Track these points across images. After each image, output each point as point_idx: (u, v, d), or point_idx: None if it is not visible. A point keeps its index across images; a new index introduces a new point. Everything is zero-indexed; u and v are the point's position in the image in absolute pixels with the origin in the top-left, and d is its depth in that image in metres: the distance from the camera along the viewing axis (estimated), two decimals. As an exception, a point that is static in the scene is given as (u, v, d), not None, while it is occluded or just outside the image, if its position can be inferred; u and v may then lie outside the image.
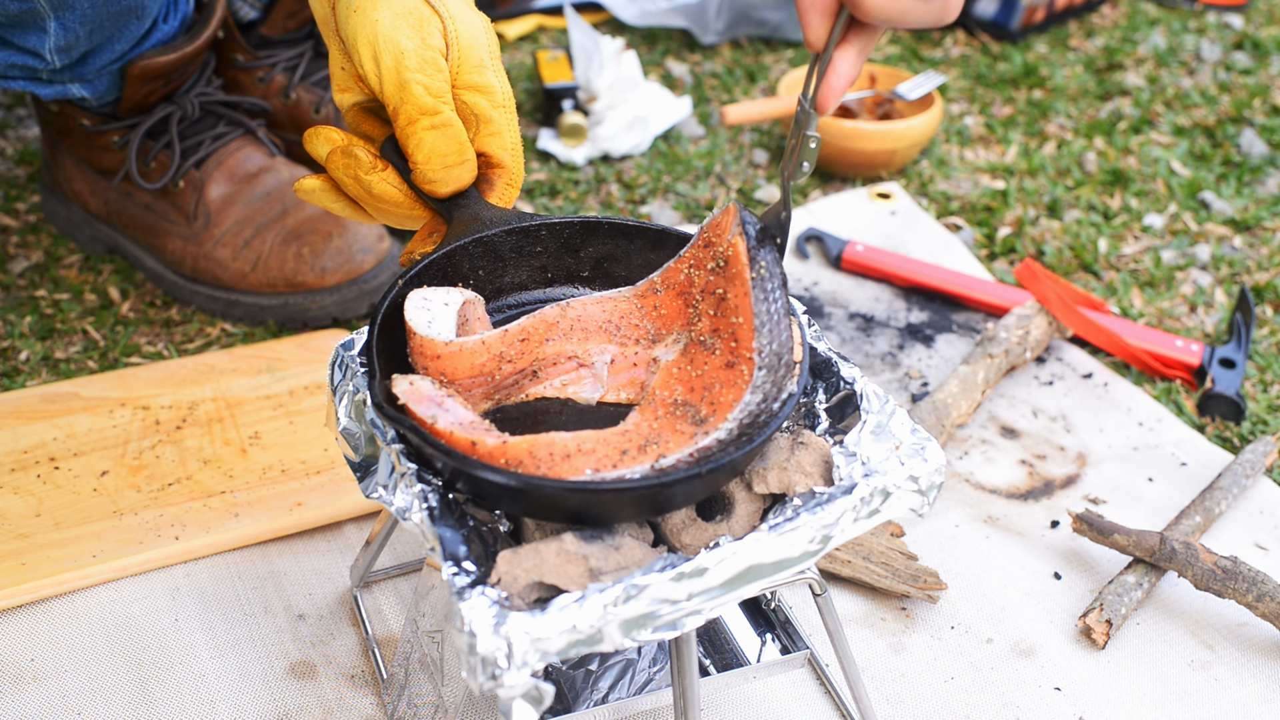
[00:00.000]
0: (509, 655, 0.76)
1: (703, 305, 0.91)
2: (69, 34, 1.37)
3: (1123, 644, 1.16)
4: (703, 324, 0.91)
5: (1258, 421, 1.42)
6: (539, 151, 1.90)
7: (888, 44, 2.25)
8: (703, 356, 0.89)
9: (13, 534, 1.20)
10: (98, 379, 1.40)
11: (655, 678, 1.08)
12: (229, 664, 1.11)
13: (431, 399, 0.86)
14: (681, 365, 0.90)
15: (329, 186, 1.02)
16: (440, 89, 0.96)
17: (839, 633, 0.98)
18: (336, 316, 1.52)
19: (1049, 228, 1.76)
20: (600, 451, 0.84)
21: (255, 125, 1.57)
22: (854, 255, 1.64)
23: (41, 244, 1.66)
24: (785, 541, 0.84)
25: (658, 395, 0.89)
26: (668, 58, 2.17)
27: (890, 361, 1.50)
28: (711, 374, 0.88)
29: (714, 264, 0.92)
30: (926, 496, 0.88)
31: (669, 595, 0.80)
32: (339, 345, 0.98)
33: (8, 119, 1.93)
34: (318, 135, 1.00)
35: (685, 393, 0.88)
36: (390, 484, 0.89)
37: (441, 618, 0.94)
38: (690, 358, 0.90)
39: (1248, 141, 1.93)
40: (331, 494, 1.26)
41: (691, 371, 0.89)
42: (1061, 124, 2.02)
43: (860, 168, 1.83)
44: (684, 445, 0.85)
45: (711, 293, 0.91)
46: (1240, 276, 1.67)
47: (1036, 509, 1.30)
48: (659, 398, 0.89)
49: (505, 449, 0.82)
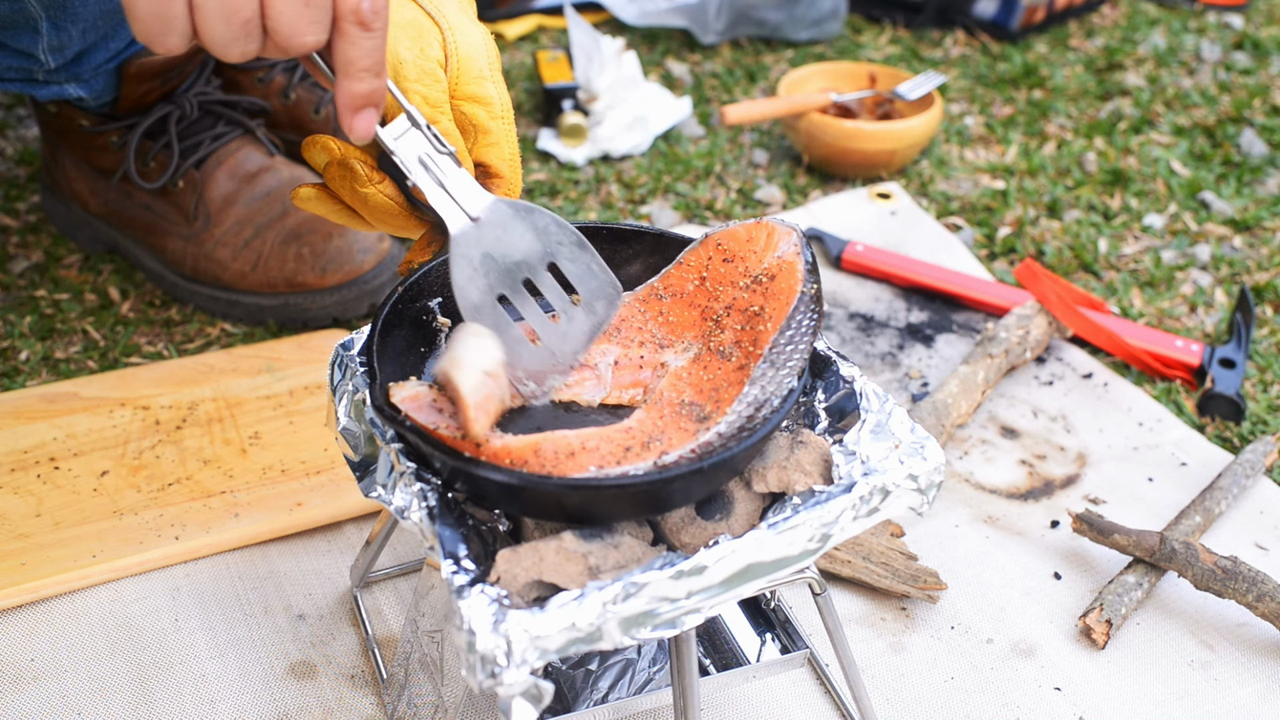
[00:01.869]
0: (508, 653, 0.76)
1: (727, 319, 0.92)
2: (62, 34, 1.37)
3: (1123, 644, 1.16)
4: (725, 336, 0.91)
5: (1258, 421, 1.42)
6: (539, 151, 1.90)
7: (888, 44, 2.25)
8: (717, 363, 0.90)
9: (13, 534, 1.20)
10: (98, 379, 1.40)
11: (655, 677, 1.08)
12: (229, 664, 1.11)
13: (432, 405, 0.86)
14: (693, 370, 0.91)
15: (326, 195, 1.02)
16: (438, 99, 0.96)
17: (839, 632, 0.98)
18: (337, 317, 1.52)
19: (1049, 228, 1.76)
20: (604, 449, 0.84)
21: (255, 125, 1.57)
22: (854, 255, 1.64)
23: (41, 244, 1.66)
24: (784, 540, 0.84)
25: (665, 396, 0.90)
26: (668, 58, 2.17)
27: (890, 361, 1.50)
28: (722, 377, 0.89)
29: (749, 280, 0.93)
30: (926, 495, 0.88)
31: (668, 593, 0.80)
32: (338, 345, 0.98)
33: (8, 119, 1.93)
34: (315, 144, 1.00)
35: (694, 394, 0.89)
36: (389, 483, 0.89)
37: (441, 617, 0.94)
38: (704, 364, 0.91)
39: (1248, 141, 1.93)
40: (331, 494, 1.26)
41: (704, 376, 0.90)
42: (1061, 124, 2.02)
43: (860, 168, 1.83)
44: (686, 441, 0.85)
45: (743, 310, 0.91)
46: (1240, 276, 1.67)
47: (1036, 509, 1.30)
48: (666, 398, 0.89)
49: (509, 449, 0.82)
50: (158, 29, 0.82)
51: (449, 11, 0.97)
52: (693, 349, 0.93)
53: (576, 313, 0.92)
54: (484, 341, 0.85)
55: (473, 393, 0.81)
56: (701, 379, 0.90)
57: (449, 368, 0.82)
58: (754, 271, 0.94)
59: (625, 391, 0.93)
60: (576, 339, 0.92)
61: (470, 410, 0.80)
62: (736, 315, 0.92)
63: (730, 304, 0.93)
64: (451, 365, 0.82)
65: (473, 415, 0.80)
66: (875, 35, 2.28)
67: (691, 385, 0.90)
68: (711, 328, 0.93)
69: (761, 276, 0.93)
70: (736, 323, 0.91)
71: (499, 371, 0.84)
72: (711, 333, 0.92)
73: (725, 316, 0.92)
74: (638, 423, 0.88)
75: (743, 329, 0.91)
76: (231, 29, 0.82)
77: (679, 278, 0.96)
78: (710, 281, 0.95)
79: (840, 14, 2.22)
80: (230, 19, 0.82)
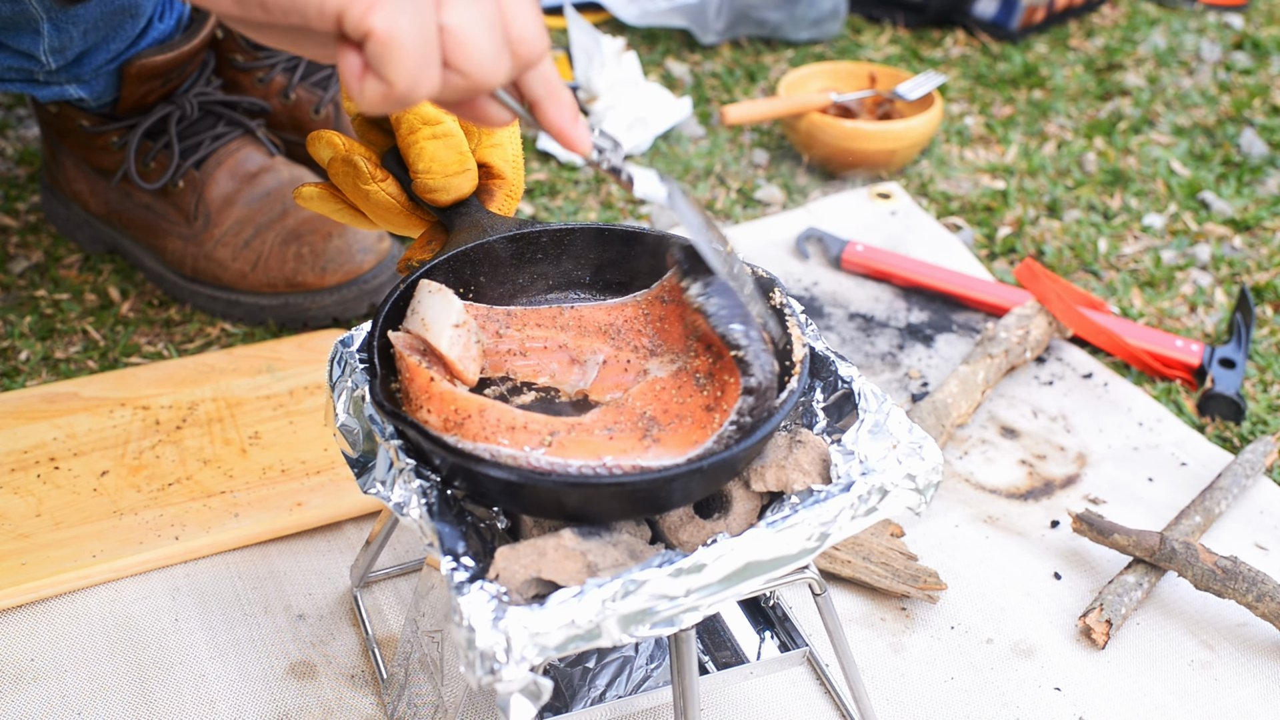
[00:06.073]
0: (507, 650, 0.77)
1: (697, 345, 0.92)
2: (63, 35, 1.38)
3: (1123, 644, 1.15)
4: (700, 362, 0.91)
5: (1258, 421, 1.42)
6: (539, 151, 1.90)
7: (888, 44, 2.25)
8: (690, 388, 0.89)
9: (13, 534, 1.20)
10: (98, 379, 1.40)
11: (652, 674, 1.08)
12: (229, 664, 1.11)
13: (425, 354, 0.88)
14: (668, 385, 0.90)
15: (329, 194, 1.02)
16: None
17: (839, 632, 0.98)
18: (336, 316, 1.52)
19: (1049, 228, 1.76)
20: (541, 434, 0.84)
21: (255, 125, 1.58)
22: (854, 255, 1.64)
23: (41, 244, 1.66)
24: (783, 538, 0.84)
25: (629, 403, 0.89)
26: (668, 58, 2.17)
27: (890, 361, 1.50)
28: (689, 409, 0.88)
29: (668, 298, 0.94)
30: (924, 495, 0.88)
31: (667, 591, 0.80)
32: (338, 342, 0.98)
33: (8, 119, 1.93)
34: (320, 139, 1.00)
35: (658, 410, 0.88)
36: (388, 480, 0.89)
37: (441, 617, 0.94)
38: (680, 383, 0.90)
39: (1248, 141, 1.93)
40: (331, 494, 1.26)
41: (674, 397, 0.89)
42: (1061, 124, 2.02)
43: (860, 168, 1.83)
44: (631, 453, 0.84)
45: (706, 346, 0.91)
46: (1240, 276, 1.67)
47: (1036, 509, 1.30)
48: (629, 405, 0.89)
49: (456, 398, 0.84)
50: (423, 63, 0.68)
51: None
52: (678, 362, 0.92)
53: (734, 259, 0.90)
54: (442, 298, 0.90)
55: (451, 348, 0.88)
56: (671, 398, 0.89)
57: (423, 334, 0.89)
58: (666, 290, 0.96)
59: (608, 392, 0.92)
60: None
61: (456, 365, 0.88)
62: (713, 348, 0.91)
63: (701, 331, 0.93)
64: (423, 330, 0.89)
65: (461, 367, 0.89)
66: (875, 35, 2.28)
67: (659, 401, 0.89)
68: (691, 348, 0.92)
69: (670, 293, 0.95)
70: (709, 355, 0.91)
71: (465, 319, 0.90)
72: (690, 354, 0.92)
73: (695, 342, 0.92)
74: (589, 419, 0.87)
75: (712, 363, 0.90)
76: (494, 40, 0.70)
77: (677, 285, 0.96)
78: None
79: (840, 14, 2.22)
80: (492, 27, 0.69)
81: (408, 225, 1.03)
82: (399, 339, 0.89)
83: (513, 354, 0.94)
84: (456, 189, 0.99)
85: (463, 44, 0.68)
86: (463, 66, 0.69)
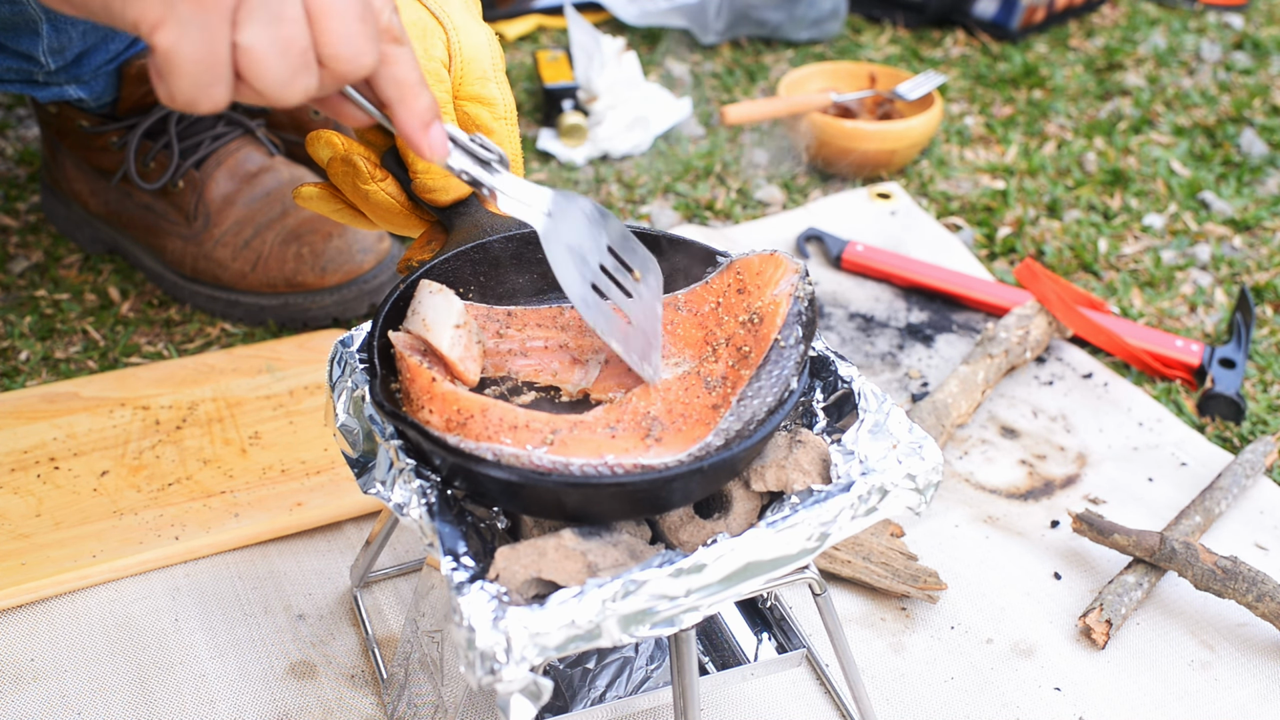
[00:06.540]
0: (507, 650, 0.76)
1: (722, 351, 0.91)
2: (62, 35, 1.38)
3: (1123, 644, 1.15)
4: (717, 367, 0.90)
5: (1258, 421, 1.42)
6: (539, 151, 1.90)
7: (888, 44, 2.25)
8: (698, 390, 0.89)
9: (13, 534, 1.20)
10: (98, 379, 1.40)
11: (652, 675, 1.08)
12: (229, 664, 1.11)
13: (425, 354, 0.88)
14: (675, 386, 0.90)
15: (328, 194, 1.02)
16: (442, 100, 0.96)
17: (839, 633, 0.98)
18: (336, 316, 1.52)
19: (1049, 228, 1.76)
20: (543, 432, 0.84)
21: (255, 125, 1.58)
22: (854, 255, 1.64)
23: (41, 244, 1.66)
24: (783, 538, 0.84)
25: (633, 402, 0.89)
26: (668, 58, 2.17)
27: (890, 361, 1.50)
28: (695, 409, 0.88)
29: (746, 317, 0.92)
30: (924, 495, 0.88)
31: (667, 591, 0.80)
32: (338, 342, 0.98)
33: (8, 119, 1.93)
34: (319, 139, 1.00)
35: (662, 410, 0.88)
36: (388, 480, 0.89)
37: (441, 617, 0.94)
38: (687, 385, 0.90)
39: (1248, 141, 1.93)
40: (331, 494, 1.26)
41: (681, 397, 0.89)
42: (1061, 124, 2.02)
43: (860, 168, 1.83)
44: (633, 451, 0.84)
45: (738, 347, 0.91)
46: (1240, 276, 1.67)
47: (1036, 509, 1.30)
48: (633, 405, 0.88)
49: (459, 399, 0.84)
50: (205, 80, 0.70)
51: (454, 11, 0.97)
52: (684, 366, 0.92)
53: (641, 288, 0.92)
54: (443, 298, 0.90)
55: (452, 349, 0.88)
56: (677, 399, 0.89)
57: (423, 334, 0.89)
58: (753, 307, 0.93)
59: (609, 392, 0.92)
60: (654, 311, 0.92)
61: (458, 365, 0.88)
62: (731, 350, 0.91)
63: (729, 337, 0.92)
64: (424, 330, 0.89)
65: (462, 368, 0.88)
66: (875, 35, 2.28)
67: (664, 400, 0.89)
68: (709, 354, 0.92)
69: (755, 316, 0.93)
70: (730, 358, 0.91)
71: (465, 319, 0.90)
72: (707, 359, 0.92)
73: (722, 348, 0.92)
74: (591, 417, 0.87)
75: (732, 365, 0.90)
76: (290, 62, 0.71)
77: (700, 297, 0.96)
78: (723, 309, 0.94)
79: (840, 14, 2.22)
80: (287, 50, 0.71)
81: (407, 225, 1.03)
82: (399, 339, 0.89)
83: (513, 354, 0.94)
84: (456, 189, 0.99)
85: (255, 63, 0.70)
86: (255, 84, 0.71)
